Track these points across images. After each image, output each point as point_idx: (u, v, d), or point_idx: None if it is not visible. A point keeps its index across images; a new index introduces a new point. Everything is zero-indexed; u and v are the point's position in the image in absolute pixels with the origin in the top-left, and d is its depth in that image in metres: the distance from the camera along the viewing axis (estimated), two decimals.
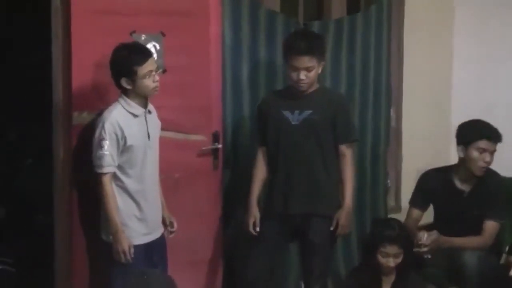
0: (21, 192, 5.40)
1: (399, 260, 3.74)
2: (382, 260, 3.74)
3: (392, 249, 3.72)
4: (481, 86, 5.26)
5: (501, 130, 5.11)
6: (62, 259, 3.95)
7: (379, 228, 3.83)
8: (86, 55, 3.75)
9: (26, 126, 5.54)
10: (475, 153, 4.03)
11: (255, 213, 3.95)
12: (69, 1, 3.75)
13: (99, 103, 3.76)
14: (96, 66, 3.73)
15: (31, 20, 4.75)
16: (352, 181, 3.95)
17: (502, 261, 4.15)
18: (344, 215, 3.89)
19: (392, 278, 3.79)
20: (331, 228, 3.87)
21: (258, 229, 3.94)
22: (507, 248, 4.16)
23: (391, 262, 3.73)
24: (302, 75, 3.82)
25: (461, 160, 4.11)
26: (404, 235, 3.77)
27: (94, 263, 3.85)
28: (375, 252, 3.75)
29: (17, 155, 5.69)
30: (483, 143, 4.02)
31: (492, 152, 4.03)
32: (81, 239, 3.87)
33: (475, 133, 4.06)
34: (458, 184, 4.11)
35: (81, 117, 3.79)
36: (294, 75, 3.83)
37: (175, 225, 3.78)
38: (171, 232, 3.78)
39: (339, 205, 3.93)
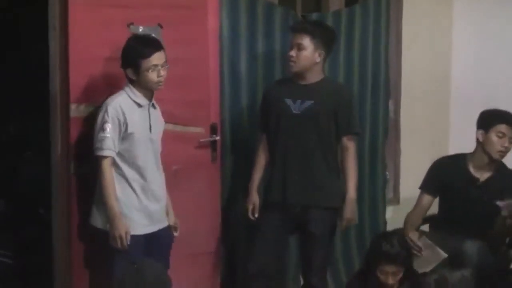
0: (20, 185, 5.40)
1: (399, 277, 3.66)
2: (380, 277, 3.67)
3: (390, 267, 3.63)
4: (480, 78, 5.26)
5: None
6: (60, 251, 3.93)
7: (377, 245, 3.72)
8: (83, 47, 3.72)
9: (25, 119, 5.54)
10: (494, 137, 4.04)
11: (254, 200, 3.99)
12: None
13: (97, 95, 3.74)
14: (93, 59, 3.71)
15: (29, 12, 4.74)
16: (356, 174, 3.95)
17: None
18: (349, 208, 3.90)
19: None
20: (342, 224, 3.90)
21: (257, 215, 3.96)
22: (507, 239, 4.15)
23: (390, 280, 3.65)
24: (292, 52, 3.85)
25: (479, 146, 4.10)
26: (404, 253, 3.66)
27: (93, 255, 3.82)
28: (375, 268, 3.67)
29: (16, 148, 5.70)
30: (503, 127, 4.03)
31: (511, 138, 4.03)
32: (80, 231, 3.84)
33: (496, 117, 4.08)
34: (473, 171, 4.10)
35: (78, 110, 3.77)
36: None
37: (178, 231, 3.78)
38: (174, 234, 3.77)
39: (340, 196, 3.93)
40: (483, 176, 4.09)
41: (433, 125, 5.00)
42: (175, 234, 3.76)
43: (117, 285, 2.92)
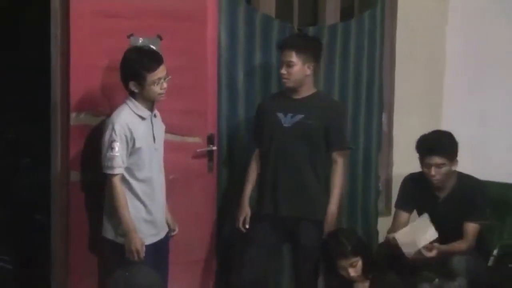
0: (19, 191, 5.39)
1: (359, 266, 3.75)
2: (342, 272, 3.77)
3: (344, 261, 3.74)
4: (472, 92, 5.25)
5: (491, 136, 5.11)
6: (58, 257, 3.92)
7: (327, 246, 3.83)
8: (84, 56, 3.73)
9: (25, 126, 5.54)
10: (425, 169, 4.03)
11: (246, 211, 3.98)
12: (68, 2, 3.74)
13: (97, 104, 3.76)
14: (94, 68, 3.71)
15: (31, 21, 4.74)
16: (340, 188, 3.96)
17: (490, 263, 4.15)
18: (328, 222, 3.89)
19: (365, 284, 3.80)
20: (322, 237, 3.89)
21: (247, 226, 3.97)
22: (495, 251, 4.16)
23: (352, 272, 3.74)
24: (283, 70, 3.86)
25: None
26: (352, 244, 3.75)
27: (94, 262, 3.83)
28: (336, 268, 3.78)
29: (15, 154, 5.69)
30: (427, 159, 3.99)
31: (438, 165, 3.97)
32: (78, 238, 3.85)
33: (419, 150, 4.06)
34: (434, 190, 4.09)
35: (79, 118, 3.77)
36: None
37: (177, 230, 3.80)
38: (171, 236, 3.80)
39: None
40: (443, 193, 4.08)
41: None
42: (174, 233, 3.79)
43: None
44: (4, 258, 3.89)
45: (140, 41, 3.81)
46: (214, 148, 4.09)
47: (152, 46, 3.79)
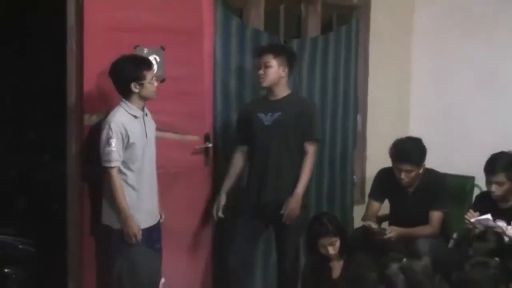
0: (40, 184, 5.47)
1: (337, 246, 3.86)
2: (322, 250, 3.86)
3: (325, 240, 3.83)
4: (436, 96, 5.35)
5: (452, 134, 5.22)
6: (74, 242, 4.02)
7: (310, 226, 3.92)
8: (96, 65, 3.80)
9: (44, 127, 5.62)
10: (396, 171, 4.15)
11: (220, 201, 4.07)
12: (82, 18, 3.82)
13: (106, 107, 3.80)
14: (104, 75, 3.74)
15: (49, 35, 4.80)
16: (308, 174, 4.00)
17: (450, 245, 4.25)
18: (292, 201, 3.94)
19: (340, 262, 3.91)
20: (281, 212, 3.93)
21: (220, 214, 4.05)
22: (454, 235, 4.28)
23: (331, 250, 3.84)
24: (261, 70, 3.97)
25: None
26: (333, 226, 3.85)
27: (99, 247, 3.88)
28: (317, 247, 3.88)
29: (36, 152, 5.74)
30: (398, 165, 4.12)
31: (408, 171, 4.09)
32: (90, 226, 3.90)
33: (390, 156, 4.18)
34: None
35: (91, 119, 3.86)
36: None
37: (163, 217, 3.85)
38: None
39: (306, 194, 4.06)
40: (411, 187, 4.19)
41: (395, 136, 4.95)
42: (161, 220, 3.82)
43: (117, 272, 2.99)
44: (28, 241, 4.00)
45: (145, 52, 3.89)
46: (210, 145, 4.17)
47: (156, 56, 3.92)
